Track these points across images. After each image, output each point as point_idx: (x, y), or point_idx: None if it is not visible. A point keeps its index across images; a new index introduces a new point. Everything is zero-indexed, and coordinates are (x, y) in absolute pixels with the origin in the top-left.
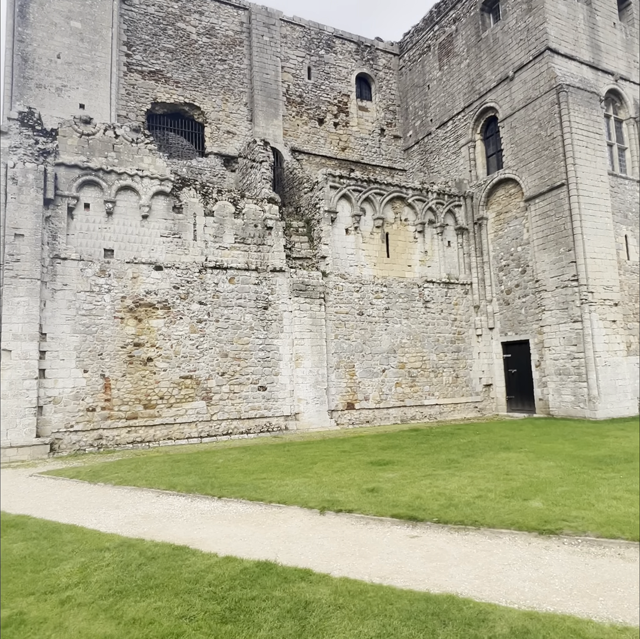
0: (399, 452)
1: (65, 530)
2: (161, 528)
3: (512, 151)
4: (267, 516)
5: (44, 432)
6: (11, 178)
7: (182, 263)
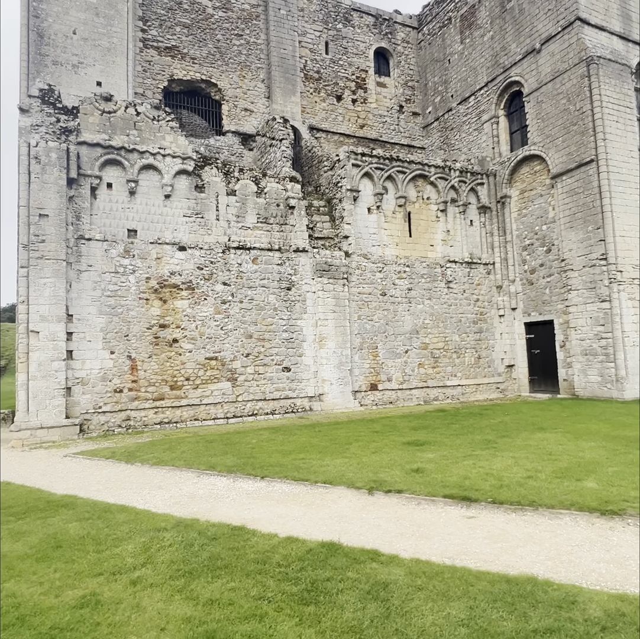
0: (431, 432)
1: (116, 510)
2: (210, 508)
3: (538, 127)
4: (315, 496)
5: (73, 413)
6: (34, 157)
7: (205, 243)
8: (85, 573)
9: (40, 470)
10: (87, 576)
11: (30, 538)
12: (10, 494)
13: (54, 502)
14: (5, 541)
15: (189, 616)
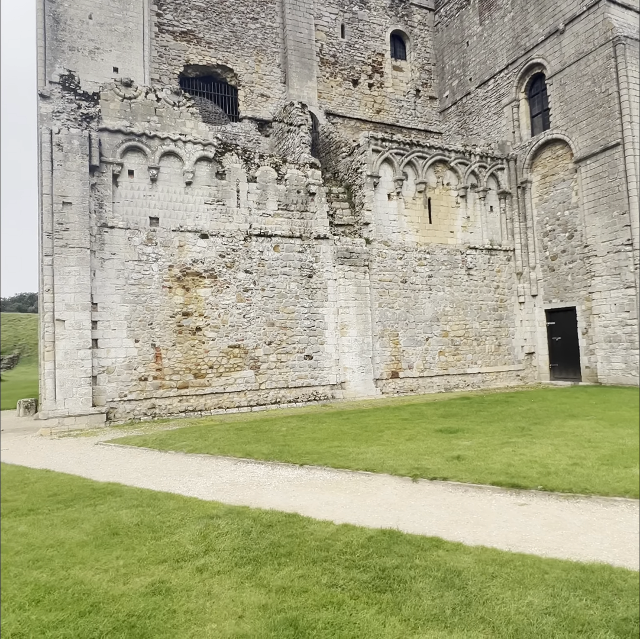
0: (461, 420)
1: (163, 497)
2: (254, 495)
3: (561, 110)
4: (358, 484)
5: (99, 401)
6: (56, 144)
7: (226, 231)
8: (149, 560)
9: (74, 458)
10: (150, 563)
11: (84, 525)
12: (53, 481)
13: (98, 489)
14: (60, 528)
15: (264, 603)
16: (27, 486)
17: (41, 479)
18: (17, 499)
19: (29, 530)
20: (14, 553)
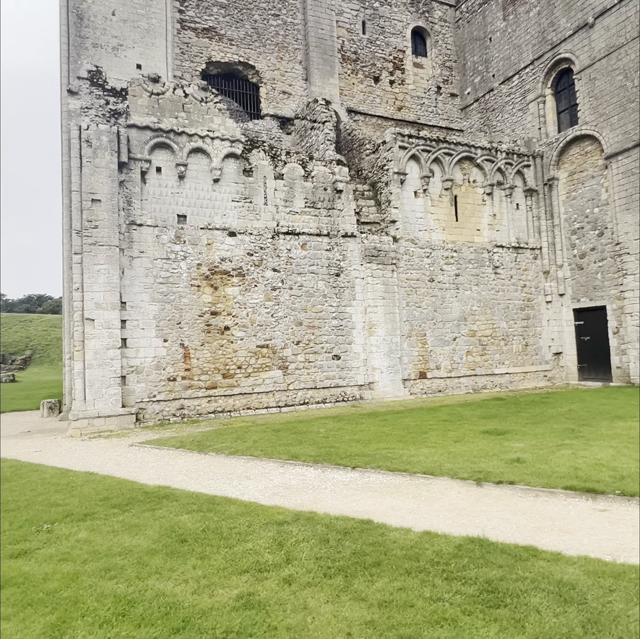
0: (503, 421)
1: (221, 502)
2: (313, 499)
3: (591, 105)
4: (418, 488)
5: (128, 402)
6: (85, 140)
7: (254, 229)
8: (229, 571)
9: (112, 460)
10: (231, 573)
11: (148, 532)
12: (100, 484)
13: (151, 493)
14: (122, 534)
15: (369, 619)
16: (75, 489)
17: (88, 483)
18: (69, 503)
19: (90, 536)
20: (81, 561)
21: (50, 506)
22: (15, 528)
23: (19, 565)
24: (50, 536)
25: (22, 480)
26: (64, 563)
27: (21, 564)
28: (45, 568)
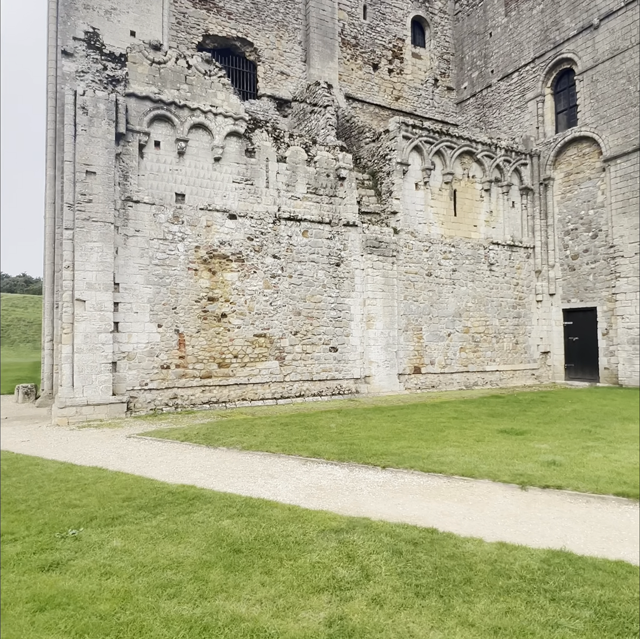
0: (513, 420)
1: (260, 505)
2: (353, 502)
3: (592, 107)
4: (460, 490)
5: (119, 389)
6: (81, 107)
7: (254, 212)
8: (303, 588)
9: (113, 453)
10: (308, 592)
11: (192, 539)
12: (114, 482)
13: (178, 494)
14: (162, 542)
15: None
16: (88, 487)
17: (100, 479)
18: (87, 503)
19: (127, 545)
20: (128, 576)
21: (67, 507)
22: (35, 533)
23: (54, 580)
24: (80, 544)
25: (23, 475)
26: (108, 578)
27: (57, 578)
28: (89, 584)
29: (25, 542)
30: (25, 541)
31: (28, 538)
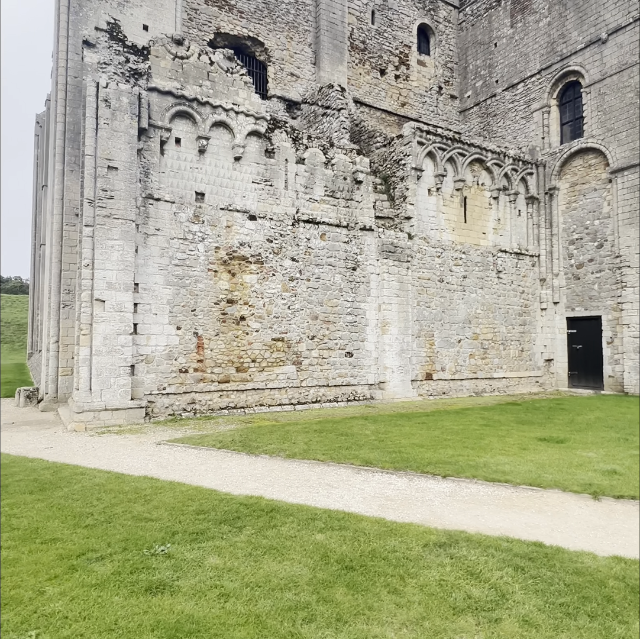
0: (544, 427)
1: (344, 517)
2: (430, 513)
3: (599, 119)
4: (532, 501)
5: (136, 394)
6: (103, 100)
7: (274, 214)
8: (442, 610)
9: (151, 461)
10: (448, 613)
11: (293, 556)
12: (176, 493)
13: (250, 506)
14: (265, 559)
15: None
16: (150, 498)
17: (159, 491)
18: (159, 517)
19: (227, 563)
20: (247, 598)
21: (139, 520)
22: (119, 550)
23: (169, 604)
24: (176, 562)
25: (73, 486)
26: (226, 601)
27: (171, 602)
28: (210, 609)
29: (113, 560)
30: (114, 559)
31: (115, 555)
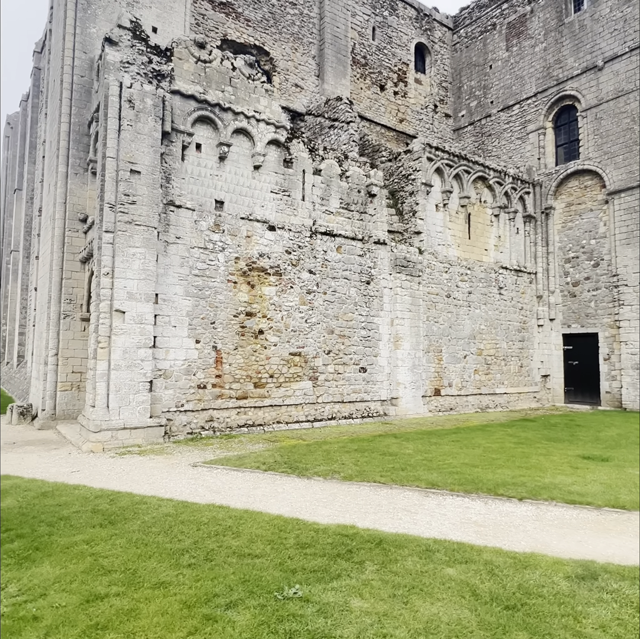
0: (575, 445)
1: (460, 548)
2: (533, 540)
3: (595, 143)
4: (623, 524)
5: (155, 411)
6: (127, 100)
7: (292, 225)
8: None
9: (200, 486)
10: None
11: (441, 595)
12: (265, 524)
13: (350, 536)
14: (415, 601)
15: None
16: (236, 529)
17: (242, 521)
18: (264, 553)
19: (375, 606)
20: None
21: (242, 557)
22: (245, 594)
23: None
24: (319, 607)
25: (143, 517)
26: None
27: None
28: None
29: (247, 606)
30: (246, 605)
31: (245, 601)
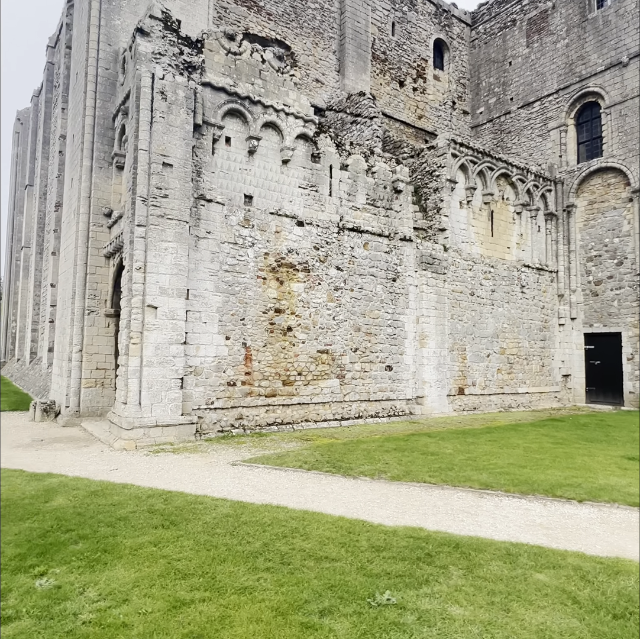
0: (613, 445)
1: (541, 553)
2: (607, 543)
3: (620, 140)
4: None
5: (185, 409)
6: (159, 92)
7: (319, 221)
8: None
9: (246, 485)
10: None
11: (540, 602)
12: (331, 526)
13: (423, 539)
14: (516, 608)
15: None
16: (305, 532)
17: (306, 522)
18: (340, 556)
19: (476, 614)
20: None
21: (319, 560)
22: (335, 600)
23: None
24: (419, 615)
25: (204, 517)
26: None
27: None
28: None
29: (342, 614)
30: (341, 612)
31: (339, 607)
